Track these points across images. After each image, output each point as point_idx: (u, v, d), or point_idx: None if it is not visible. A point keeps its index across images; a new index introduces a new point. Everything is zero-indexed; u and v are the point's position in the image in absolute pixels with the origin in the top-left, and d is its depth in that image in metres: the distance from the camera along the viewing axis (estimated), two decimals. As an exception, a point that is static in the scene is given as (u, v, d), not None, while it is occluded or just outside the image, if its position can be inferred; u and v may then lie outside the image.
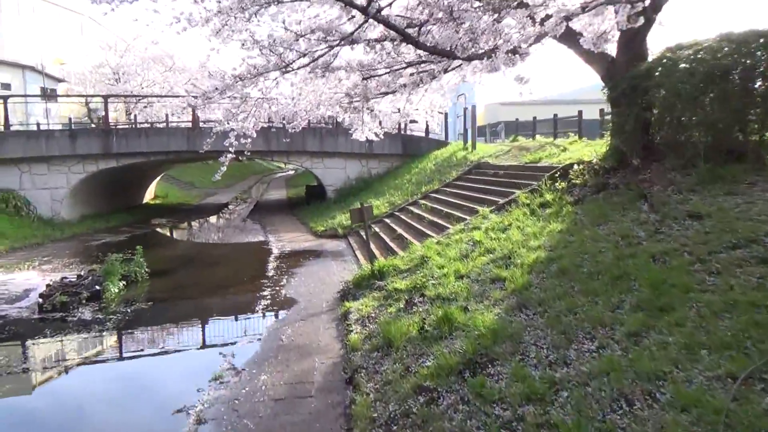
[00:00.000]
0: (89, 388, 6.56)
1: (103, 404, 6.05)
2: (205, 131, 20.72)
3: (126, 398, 6.22)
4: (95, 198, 21.44)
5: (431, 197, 15.90)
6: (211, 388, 6.12)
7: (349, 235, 16.47)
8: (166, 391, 6.42)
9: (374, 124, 17.81)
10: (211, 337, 8.27)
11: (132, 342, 7.99)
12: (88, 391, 6.50)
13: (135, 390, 6.45)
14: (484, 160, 17.46)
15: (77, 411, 5.98)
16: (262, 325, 8.17)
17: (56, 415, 5.94)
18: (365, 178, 23.22)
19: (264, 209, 26.68)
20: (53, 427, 5.66)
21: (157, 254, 14.40)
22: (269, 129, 21.52)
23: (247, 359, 6.88)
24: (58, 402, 6.31)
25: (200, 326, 8.83)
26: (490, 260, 7.92)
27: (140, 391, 6.43)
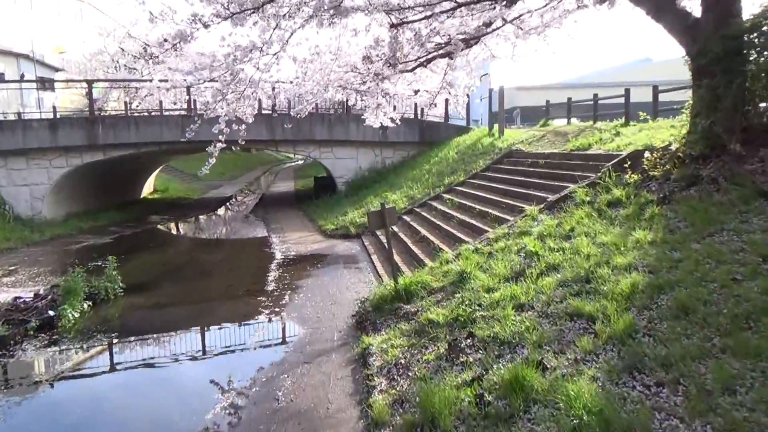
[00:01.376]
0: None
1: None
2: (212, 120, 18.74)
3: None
4: (83, 194, 19.57)
5: (457, 191, 13.81)
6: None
7: (362, 234, 14.44)
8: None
9: (389, 108, 15.78)
10: (184, 399, 6.07)
11: (70, 403, 5.90)
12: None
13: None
14: (515, 147, 15.33)
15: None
16: (253, 371, 6.16)
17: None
18: (379, 168, 21.15)
19: (270, 203, 24.73)
20: None
21: (141, 261, 12.47)
22: (272, 116, 19.52)
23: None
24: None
25: (171, 375, 6.76)
26: (558, 283, 5.85)
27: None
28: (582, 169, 10.18)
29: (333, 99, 22.24)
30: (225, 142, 11.10)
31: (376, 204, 16.13)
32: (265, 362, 6.45)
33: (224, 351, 7.11)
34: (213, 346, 7.38)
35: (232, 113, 10.20)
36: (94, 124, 17.23)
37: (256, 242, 14.58)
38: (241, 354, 6.95)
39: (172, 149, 19.12)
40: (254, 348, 7.07)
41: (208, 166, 10.28)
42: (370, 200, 16.80)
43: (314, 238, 14.74)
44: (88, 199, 19.88)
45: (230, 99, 10.03)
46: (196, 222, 20.08)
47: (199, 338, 7.69)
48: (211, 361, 6.83)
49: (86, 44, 37.53)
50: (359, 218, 15.28)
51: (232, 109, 10.15)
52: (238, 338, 7.44)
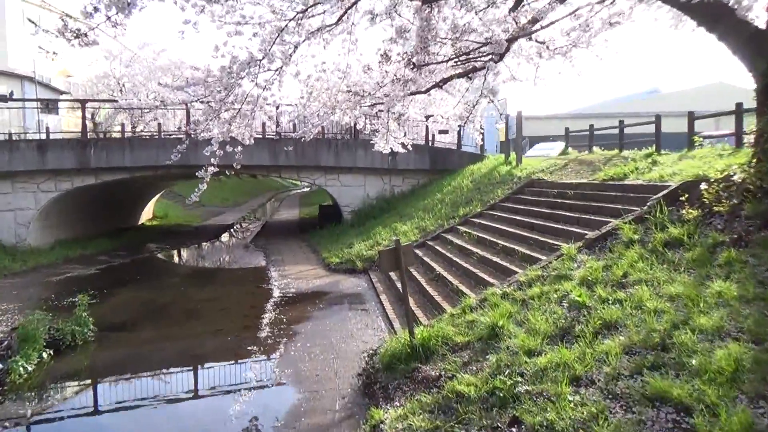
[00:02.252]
0: None
1: None
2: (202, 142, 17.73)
3: None
4: (74, 220, 18.48)
5: (474, 223, 12.59)
6: None
7: (370, 270, 13.19)
8: None
9: (400, 133, 14.71)
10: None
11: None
12: None
13: None
14: (536, 176, 14.16)
15: None
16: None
17: None
18: (387, 197, 20.00)
19: (272, 232, 23.57)
20: None
21: (123, 297, 11.25)
22: (275, 139, 18.50)
23: None
24: None
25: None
26: (622, 348, 4.59)
27: None
28: (621, 201, 8.96)
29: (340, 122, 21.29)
30: (220, 167, 10.01)
31: (384, 235, 14.93)
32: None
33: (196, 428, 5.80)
34: (186, 416, 6.09)
35: (226, 134, 9.09)
36: (85, 147, 16.20)
37: (253, 276, 13.34)
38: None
39: (170, 174, 18.07)
40: (236, 417, 5.76)
41: (198, 193, 9.14)
42: (378, 231, 15.60)
43: (317, 272, 13.50)
44: (79, 226, 18.78)
45: (225, 118, 8.94)
46: (192, 251, 18.90)
47: (168, 412, 6.34)
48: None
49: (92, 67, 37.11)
50: (366, 251, 14.06)
51: (227, 129, 9.05)
52: (219, 409, 6.13)
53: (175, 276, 13.79)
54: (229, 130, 8.97)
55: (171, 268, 15.24)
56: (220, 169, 9.34)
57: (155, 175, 17.53)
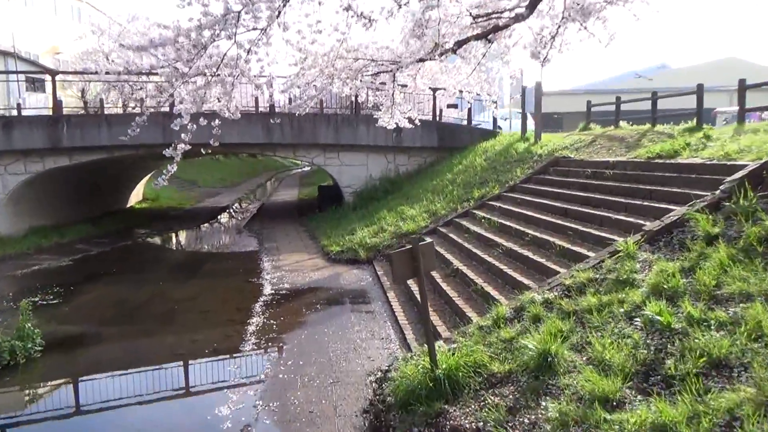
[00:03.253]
0: None
1: None
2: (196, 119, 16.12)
3: None
4: (52, 205, 16.97)
5: (493, 207, 11.07)
6: None
7: (374, 260, 11.71)
8: None
9: (407, 106, 13.20)
10: None
11: None
12: None
13: None
14: (559, 154, 12.61)
15: None
16: None
17: None
18: (392, 177, 18.43)
19: (268, 215, 22.06)
20: None
21: (93, 296, 9.79)
22: (269, 114, 16.88)
23: None
24: None
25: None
26: (754, 407, 3.10)
27: None
28: (678, 183, 7.43)
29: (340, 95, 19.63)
30: (195, 145, 8.49)
31: (389, 220, 13.42)
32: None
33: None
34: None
35: (199, 104, 7.54)
36: (57, 124, 14.61)
37: (243, 267, 11.85)
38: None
39: (151, 153, 16.47)
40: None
41: (167, 176, 7.66)
42: (383, 215, 14.08)
43: (315, 263, 12.02)
44: (58, 211, 17.28)
45: (197, 84, 7.37)
46: (180, 237, 17.40)
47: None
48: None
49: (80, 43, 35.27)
50: (370, 238, 12.56)
51: (200, 99, 7.49)
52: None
53: (157, 267, 12.32)
54: (203, 99, 7.39)
55: (154, 257, 13.75)
56: (195, 147, 7.81)
57: (137, 155, 15.97)
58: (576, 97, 35.16)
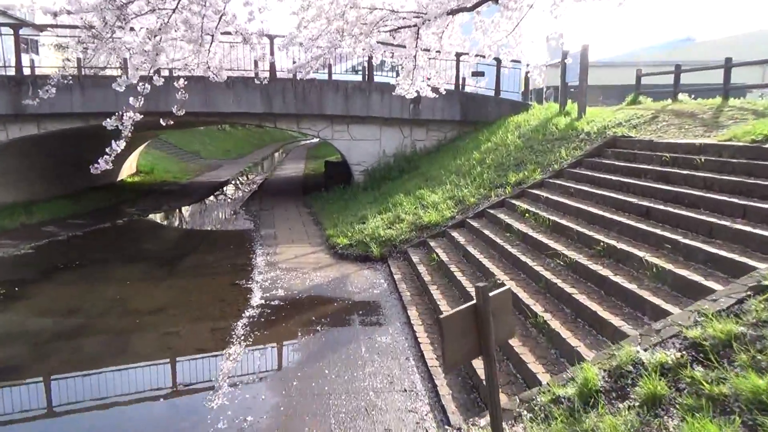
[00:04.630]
0: None
1: None
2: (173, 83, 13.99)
3: None
4: (24, 179, 15.01)
5: (538, 198, 8.96)
6: None
7: (390, 257, 9.68)
8: None
9: (431, 71, 11.06)
10: None
11: None
12: None
13: None
14: (614, 132, 10.44)
15: None
16: None
17: None
18: (408, 154, 16.30)
19: (270, 192, 20.05)
20: None
21: (34, 303, 7.85)
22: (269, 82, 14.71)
23: None
24: None
25: None
26: None
27: None
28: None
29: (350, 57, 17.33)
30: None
31: (407, 207, 11.34)
32: None
33: None
34: None
35: (153, 57, 5.46)
36: (20, 86, 12.53)
37: (231, 263, 9.85)
38: None
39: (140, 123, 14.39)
40: None
41: (110, 158, 5.65)
42: (399, 200, 12.01)
43: (317, 258, 10.02)
44: (32, 185, 15.35)
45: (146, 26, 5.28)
46: (166, 219, 15.41)
47: None
48: None
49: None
50: (384, 230, 10.51)
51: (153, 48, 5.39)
52: None
53: (130, 259, 10.36)
54: (158, 49, 5.30)
55: (128, 245, 11.76)
56: (142, 115, 5.75)
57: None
58: (597, 70, 32.63)
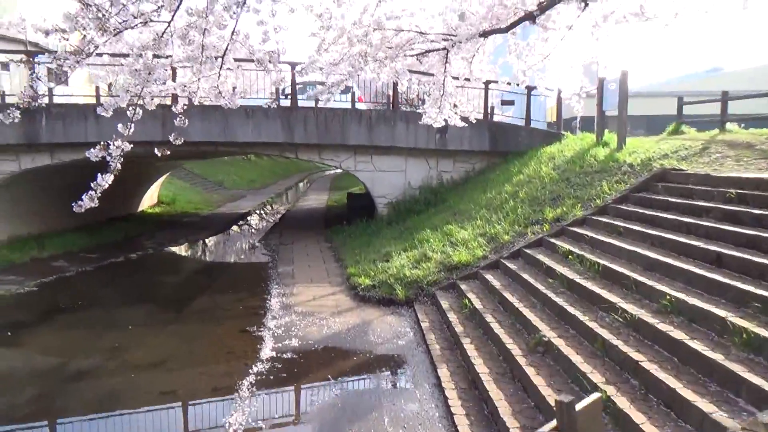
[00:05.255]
0: None
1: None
2: (195, 112, 13.57)
3: None
4: (39, 211, 14.63)
5: (581, 237, 8.05)
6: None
7: (416, 301, 8.82)
8: None
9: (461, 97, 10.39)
10: None
11: None
12: None
13: None
14: (661, 164, 9.54)
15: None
16: None
17: None
18: (434, 186, 15.52)
19: (291, 224, 19.42)
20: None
21: (21, 353, 7.16)
22: (290, 111, 14.20)
23: None
24: None
25: None
26: None
27: None
28: None
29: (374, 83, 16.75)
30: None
31: (435, 244, 10.51)
32: None
33: None
34: None
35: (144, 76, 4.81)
36: (34, 115, 12.21)
37: (243, 306, 9.08)
38: None
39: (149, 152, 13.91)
40: None
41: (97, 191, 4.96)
42: (426, 236, 11.19)
43: (337, 301, 9.21)
44: (48, 218, 14.96)
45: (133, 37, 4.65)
46: (181, 253, 14.80)
47: None
48: None
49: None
50: (410, 269, 9.67)
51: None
52: None
53: (137, 299, 9.68)
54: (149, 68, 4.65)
55: (137, 283, 11.07)
56: (123, 148, 5.09)
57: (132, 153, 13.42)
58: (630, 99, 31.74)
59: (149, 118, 12.11)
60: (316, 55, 7.67)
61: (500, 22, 7.46)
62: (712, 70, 52.11)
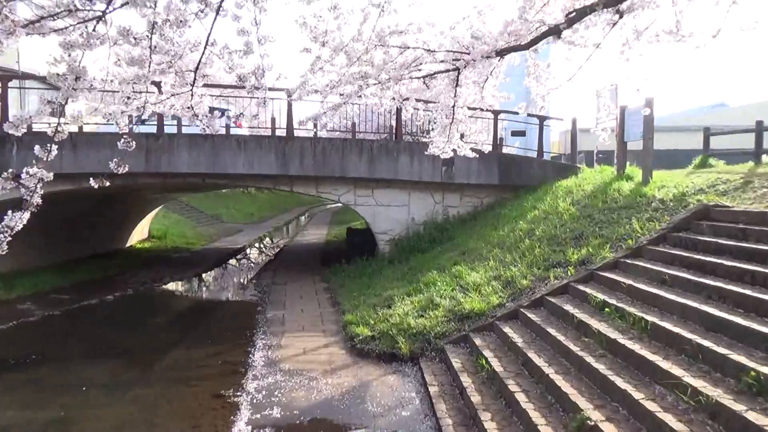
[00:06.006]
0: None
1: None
2: (182, 142, 12.55)
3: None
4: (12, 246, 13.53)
5: (615, 284, 6.87)
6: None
7: (422, 356, 7.59)
8: None
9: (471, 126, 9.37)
10: None
11: None
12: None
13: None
14: (698, 199, 8.44)
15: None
16: None
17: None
18: (440, 222, 14.42)
19: (286, 262, 18.26)
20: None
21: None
22: (286, 141, 13.23)
23: None
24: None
25: None
26: None
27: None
28: None
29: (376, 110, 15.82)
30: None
31: (443, 288, 9.33)
32: None
33: None
34: None
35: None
36: (4, 145, 11.22)
37: (222, 361, 7.84)
38: None
39: (132, 185, 12.85)
40: None
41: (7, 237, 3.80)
42: (432, 278, 10.02)
43: (331, 355, 7.98)
44: (23, 254, 13.80)
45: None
46: (165, 294, 13.55)
47: None
48: None
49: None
50: (415, 318, 8.47)
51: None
52: None
53: (99, 354, 8.41)
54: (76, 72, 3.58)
55: (105, 331, 9.78)
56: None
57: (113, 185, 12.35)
58: None
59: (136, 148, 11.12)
60: (309, 75, 6.68)
61: (520, 39, 6.48)
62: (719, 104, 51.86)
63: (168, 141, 12.14)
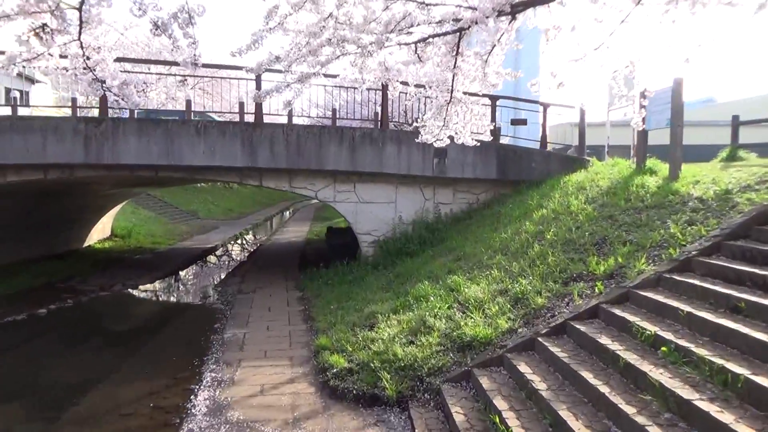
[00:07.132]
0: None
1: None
2: (129, 128, 10.71)
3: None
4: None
5: (666, 311, 5.21)
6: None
7: (412, 399, 5.89)
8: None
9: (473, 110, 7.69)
10: None
11: None
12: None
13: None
14: (749, 199, 6.86)
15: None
16: None
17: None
18: (430, 221, 12.75)
19: (259, 264, 16.48)
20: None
21: None
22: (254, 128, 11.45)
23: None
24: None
25: None
26: None
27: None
28: None
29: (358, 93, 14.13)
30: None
31: (437, 302, 7.63)
32: None
33: None
34: None
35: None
36: None
37: (151, 407, 6.07)
38: None
39: (67, 178, 10.92)
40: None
41: None
42: (424, 290, 8.32)
43: (296, 396, 6.25)
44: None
45: None
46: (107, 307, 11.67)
47: None
48: None
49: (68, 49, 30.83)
50: (402, 344, 6.76)
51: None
52: None
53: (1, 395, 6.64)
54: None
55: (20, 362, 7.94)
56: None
57: (45, 179, 10.44)
58: (618, 129, 29.91)
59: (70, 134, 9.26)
60: (263, 27, 5.06)
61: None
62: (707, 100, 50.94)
63: (112, 126, 10.28)
